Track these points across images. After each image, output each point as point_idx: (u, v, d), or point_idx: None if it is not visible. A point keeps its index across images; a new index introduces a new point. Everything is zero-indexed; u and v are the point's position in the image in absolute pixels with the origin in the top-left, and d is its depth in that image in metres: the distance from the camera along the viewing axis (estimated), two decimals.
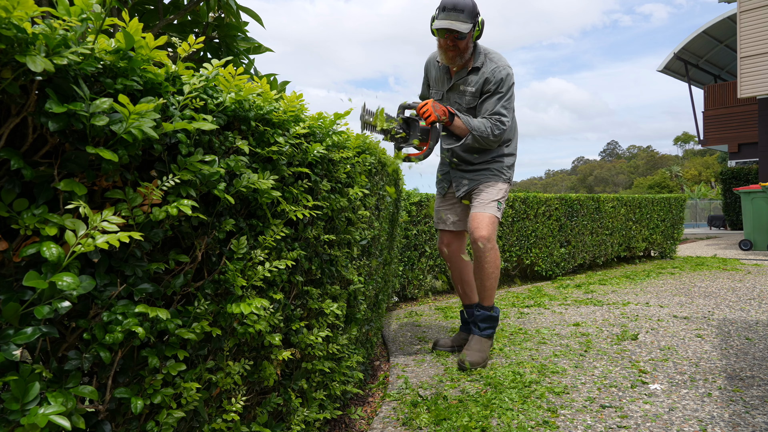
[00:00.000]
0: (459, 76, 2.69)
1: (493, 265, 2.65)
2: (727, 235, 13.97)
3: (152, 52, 0.94)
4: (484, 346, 2.62)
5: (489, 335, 2.70)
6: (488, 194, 2.69)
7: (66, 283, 0.72)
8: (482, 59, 2.63)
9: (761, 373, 2.41)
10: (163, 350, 0.97)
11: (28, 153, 0.81)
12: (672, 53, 18.06)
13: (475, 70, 2.65)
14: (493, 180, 2.74)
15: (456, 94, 2.74)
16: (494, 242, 2.64)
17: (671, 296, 4.54)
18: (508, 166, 2.82)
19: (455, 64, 2.62)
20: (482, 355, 2.56)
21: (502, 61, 2.64)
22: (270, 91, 1.25)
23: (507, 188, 2.79)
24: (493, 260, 2.64)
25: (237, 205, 1.16)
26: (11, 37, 0.72)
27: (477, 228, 2.61)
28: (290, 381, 1.46)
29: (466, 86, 2.67)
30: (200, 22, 2.39)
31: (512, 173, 2.86)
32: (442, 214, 2.94)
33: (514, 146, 2.85)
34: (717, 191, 21.49)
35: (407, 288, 4.50)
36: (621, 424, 1.88)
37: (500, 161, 2.78)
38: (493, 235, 2.64)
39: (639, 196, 7.30)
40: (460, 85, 2.70)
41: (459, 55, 2.55)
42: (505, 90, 2.60)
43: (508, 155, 2.81)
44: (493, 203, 2.68)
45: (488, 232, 2.60)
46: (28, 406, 0.71)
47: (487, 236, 2.59)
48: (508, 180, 2.80)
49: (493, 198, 2.69)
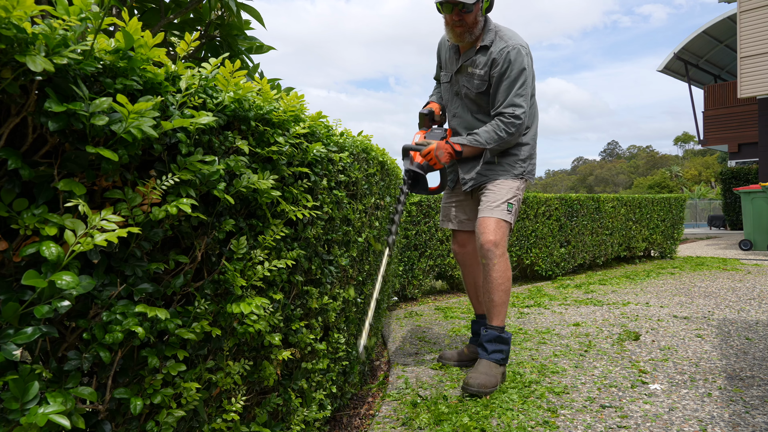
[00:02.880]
0: (467, 56, 2.40)
1: (503, 276, 2.30)
2: (727, 235, 13.97)
3: (151, 51, 0.94)
4: (493, 371, 2.21)
5: (498, 360, 2.27)
6: (496, 195, 2.37)
7: (65, 282, 0.72)
8: (492, 37, 2.32)
9: (761, 373, 2.41)
10: (163, 350, 0.97)
11: (28, 153, 0.81)
12: (672, 53, 18.06)
13: (483, 49, 2.34)
14: (502, 177, 2.40)
15: (464, 77, 2.44)
16: (503, 249, 2.32)
17: (671, 296, 4.53)
18: (523, 158, 2.44)
19: (464, 42, 2.34)
20: (489, 378, 2.16)
21: (513, 39, 2.29)
22: (269, 91, 1.25)
23: (520, 186, 2.43)
24: (503, 270, 2.30)
25: (237, 205, 1.16)
26: (11, 37, 0.72)
27: (483, 233, 2.31)
28: (290, 381, 1.46)
29: (474, 68, 2.37)
30: (202, 20, 2.39)
31: (529, 166, 2.47)
32: (449, 211, 2.66)
33: (531, 134, 2.48)
34: (717, 191, 21.48)
35: (407, 288, 4.50)
36: (621, 424, 1.88)
37: (513, 154, 2.42)
38: (503, 241, 2.32)
39: (639, 196, 7.30)
40: (468, 67, 2.40)
41: (467, 31, 2.29)
42: (516, 74, 2.26)
43: (521, 145, 2.44)
44: (502, 206, 2.34)
45: (496, 237, 2.28)
46: (28, 406, 0.71)
47: (494, 241, 2.28)
48: (522, 175, 2.43)
49: (502, 199, 2.35)
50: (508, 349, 2.33)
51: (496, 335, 2.29)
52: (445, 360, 2.61)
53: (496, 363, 2.25)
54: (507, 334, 2.33)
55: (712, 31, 17.65)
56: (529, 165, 2.46)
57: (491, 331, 2.30)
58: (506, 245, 2.35)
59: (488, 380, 2.14)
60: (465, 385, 2.13)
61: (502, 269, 2.29)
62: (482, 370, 2.18)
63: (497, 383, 2.18)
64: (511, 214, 2.36)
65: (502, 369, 2.27)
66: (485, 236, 2.29)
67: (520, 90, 2.28)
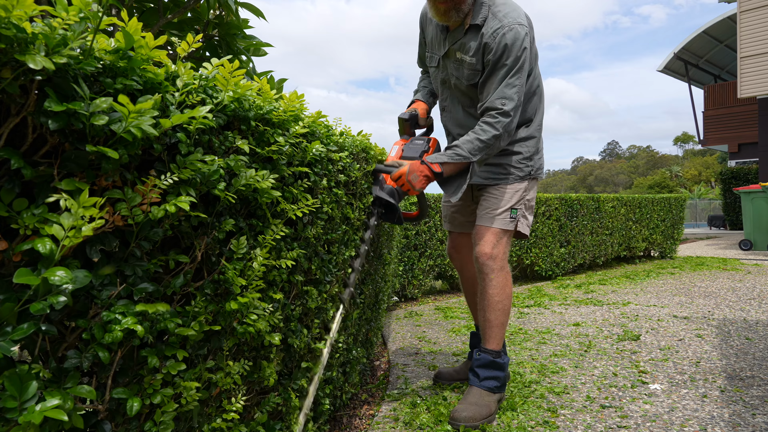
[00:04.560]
0: (454, 37, 1.98)
1: (501, 293, 2.00)
2: (727, 235, 13.97)
3: (152, 51, 0.94)
4: (485, 400, 1.92)
5: (491, 388, 1.96)
6: (496, 201, 2.04)
7: (59, 278, 0.72)
8: (484, 13, 1.89)
9: (761, 373, 2.41)
10: (163, 350, 0.97)
11: (28, 153, 0.81)
12: (672, 53, 18.07)
13: (474, 29, 1.92)
14: (503, 181, 2.06)
15: (453, 64, 2.02)
16: (502, 262, 2.01)
17: (671, 296, 4.54)
18: (528, 156, 2.08)
19: (451, 21, 1.93)
20: (480, 409, 1.87)
21: (509, 17, 1.87)
22: (270, 90, 1.25)
23: (527, 187, 2.08)
24: (501, 286, 2.00)
25: (237, 204, 1.16)
26: (11, 37, 0.72)
27: (478, 243, 2.02)
28: (290, 380, 1.46)
29: (464, 54, 1.95)
30: (200, 20, 2.39)
31: (536, 163, 2.11)
32: (447, 211, 2.34)
33: (535, 126, 2.11)
34: (717, 191, 21.50)
35: (407, 288, 4.50)
36: (621, 424, 1.88)
37: (516, 152, 2.06)
38: (502, 254, 2.01)
39: (639, 196, 7.30)
40: (456, 52, 1.98)
41: (453, 7, 1.87)
42: (512, 61, 1.85)
43: (525, 140, 2.07)
44: (504, 214, 2.02)
45: (493, 249, 1.99)
46: (26, 405, 0.71)
47: (491, 254, 1.98)
48: (527, 176, 2.08)
49: (504, 206, 2.03)
50: (505, 376, 2.02)
51: (489, 360, 1.98)
52: (442, 379, 2.32)
53: (489, 391, 1.95)
54: (503, 358, 2.03)
55: (712, 31, 17.66)
56: (536, 162, 2.12)
57: (485, 355, 2.00)
58: (506, 257, 2.03)
59: (478, 412, 1.86)
60: (452, 420, 1.85)
61: (500, 285, 2.00)
62: (472, 400, 1.90)
63: (490, 413, 1.89)
64: (514, 221, 2.04)
65: (496, 396, 1.97)
66: (481, 248, 2.01)
67: (512, 79, 1.87)
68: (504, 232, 2.02)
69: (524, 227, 2.09)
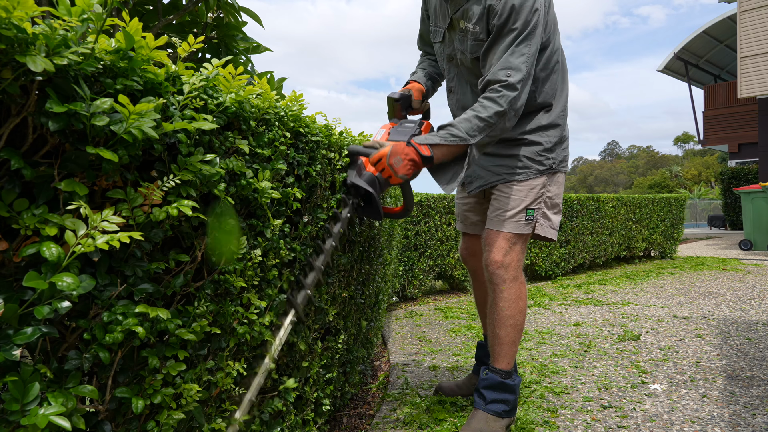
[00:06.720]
0: (456, 4, 1.72)
1: (514, 307, 1.75)
2: (727, 235, 13.97)
3: (152, 52, 0.94)
4: (491, 426, 1.69)
5: (499, 412, 1.72)
6: (509, 201, 1.77)
7: (66, 284, 0.72)
8: None
9: (761, 373, 2.41)
10: (163, 350, 0.97)
11: (29, 153, 0.81)
12: (672, 53, 18.07)
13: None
14: (518, 177, 1.77)
15: (458, 36, 1.76)
16: (516, 272, 1.76)
17: (671, 296, 4.54)
18: (549, 147, 1.78)
19: None
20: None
21: None
22: (270, 92, 1.25)
23: (545, 182, 1.79)
24: (513, 299, 1.75)
25: (237, 205, 1.16)
26: (11, 37, 0.72)
27: (488, 250, 1.78)
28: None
29: (467, 22, 1.69)
30: (199, 22, 2.39)
31: (559, 154, 1.82)
32: (460, 209, 2.08)
33: (557, 112, 1.80)
34: (717, 191, 21.50)
35: (407, 288, 4.50)
36: (621, 424, 1.88)
37: (533, 141, 1.78)
38: (515, 262, 1.76)
39: (639, 196, 7.30)
40: (460, 20, 1.72)
41: None
42: (521, 25, 1.57)
43: (545, 128, 1.78)
44: (517, 215, 1.76)
45: (505, 257, 1.74)
46: (29, 407, 0.71)
47: (502, 262, 1.74)
48: (548, 170, 1.79)
49: (517, 207, 1.76)
50: (515, 399, 1.76)
51: (497, 381, 1.73)
52: (443, 393, 2.11)
53: (496, 416, 1.71)
54: (515, 379, 1.77)
55: (712, 31, 17.66)
56: (559, 153, 1.81)
57: (492, 375, 1.75)
58: (521, 265, 1.78)
59: None
60: None
61: (512, 298, 1.74)
62: (476, 426, 1.68)
63: None
64: (531, 223, 1.77)
65: (505, 422, 1.72)
66: (490, 255, 1.76)
67: (520, 47, 1.58)
68: (518, 236, 1.76)
69: (545, 229, 1.80)
